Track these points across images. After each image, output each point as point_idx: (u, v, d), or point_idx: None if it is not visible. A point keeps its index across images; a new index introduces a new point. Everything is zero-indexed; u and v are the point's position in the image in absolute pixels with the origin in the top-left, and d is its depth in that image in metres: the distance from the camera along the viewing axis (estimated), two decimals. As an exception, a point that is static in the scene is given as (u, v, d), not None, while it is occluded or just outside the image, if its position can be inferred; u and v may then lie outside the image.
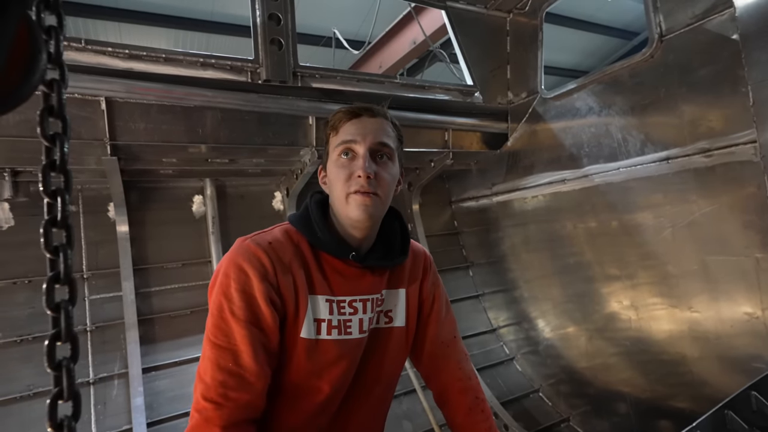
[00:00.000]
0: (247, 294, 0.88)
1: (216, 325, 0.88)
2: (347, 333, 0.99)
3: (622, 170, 2.21)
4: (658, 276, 2.16)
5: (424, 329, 1.16)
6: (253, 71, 2.06)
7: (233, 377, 0.85)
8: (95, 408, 2.01)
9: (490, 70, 2.91)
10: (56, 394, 0.33)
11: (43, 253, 0.35)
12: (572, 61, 8.17)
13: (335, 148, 0.98)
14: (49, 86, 0.36)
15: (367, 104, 1.02)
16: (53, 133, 0.36)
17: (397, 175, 1.03)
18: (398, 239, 1.09)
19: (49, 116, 0.36)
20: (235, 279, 0.89)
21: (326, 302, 0.97)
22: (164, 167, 2.23)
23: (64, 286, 0.35)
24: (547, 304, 2.82)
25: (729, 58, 1.76)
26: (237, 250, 0.93)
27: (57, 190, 0.36)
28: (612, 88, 2.26)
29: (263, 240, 0.95)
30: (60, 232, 0.36)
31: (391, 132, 1.02)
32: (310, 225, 1.00)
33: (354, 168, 0.95)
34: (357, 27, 5.70)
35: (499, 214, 3.03)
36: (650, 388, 2.29)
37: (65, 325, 0.34)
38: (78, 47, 1.69)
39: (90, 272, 2.18)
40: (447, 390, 1.15)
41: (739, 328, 1.87)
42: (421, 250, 1.20)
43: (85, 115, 1.79)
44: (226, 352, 0.86)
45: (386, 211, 1.03)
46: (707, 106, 1.88)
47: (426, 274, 1.17)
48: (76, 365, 1.46)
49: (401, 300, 1.11)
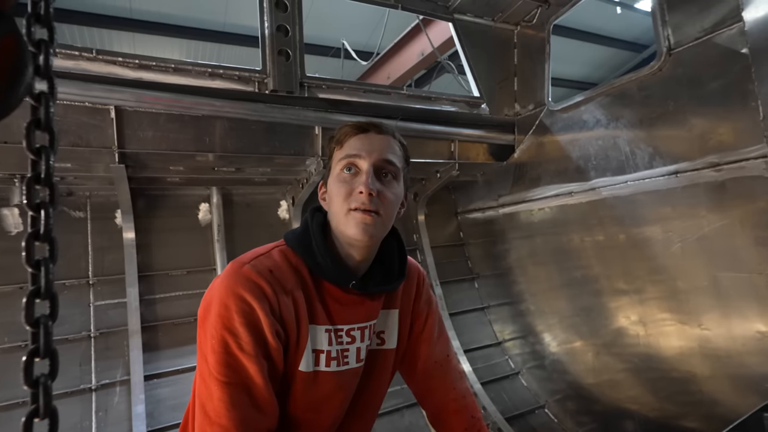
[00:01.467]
0: (253, 327, 0.82)
1: (222, 362, 0.81)
2: (344, 363, 0.95)
3: (630, 183, 2.19)
4: (667, 291, 2.12)
5: (416, 348, 1.12)
6: (260, 81, 2.08)
7: (251, 410, 0.81)
8: (97, 415, 2.00)
9: (497, 82, 2.91)
10: (32, 411, 0.32)
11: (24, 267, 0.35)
12: (580, 74, 8.18)
13: (338, 162, 0.94)
14: (37, 99, 0.36)
15: (375, 120, 0.99)
16: (39, 146, 0.36)
17: (401, 197, 0.98)
18: (396, 259, 1.04)
19: (36, 129, 0.36)
20: (238, 312, 0.82)
21: (326, 332, 0.93)
22: (171, 175, 2.25)
23: (45, 301, 0.35)
24: (554, 317, 2.78)
25: (738, 72, 1.74)
26: (236, 277, 0.85)
27: (41, 203, 0.36)
28: (620, 100, 2.25)
29: (263, 267, 0.88)
30: (43, 246, 0.35)
31: (398, 151, 0.98)
32: (310, 249, 0.94)
33: (356, 184, 0.91)
34: (366, 38, 5.76)
35: (505, 226, 3.01)
36: (659, 407, 2.23)
37: (44, 341, 0.33)
38: (89, 57, 1.72)
39: (96, 278, 2.20)
40: (442, 411, 1.12)
41: (752, 346, 1.82)
42: (414, 266, 1.15)
43: (94, 123, 1.81)
44: (238, 388, 0.81)
45: (387, 232, 0.98)
46: (717, 120, 1.85)
47: (419, 291, 1.13)
48: (80, 371, 1.46)
49: (395, 321, 1.07)
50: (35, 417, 0.33)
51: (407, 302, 1.10)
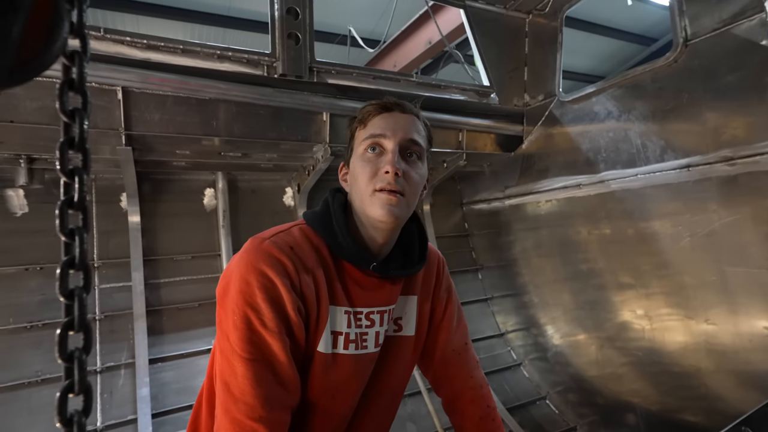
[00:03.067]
0: (276, 303, 0.81)
1: (245, 339, 0.80)
2: (363, 347, 0.94)
3: (641, 177, 2.16)
4: (674, 286, 2.11)
5: (435, 336, 1.11)
6: (269, 65, 2.05)
7: (276, 387, 0.80)
8: (101, 397, 2.01)
9: (507, 72, 2.88)
10: (67, 386, 0.31)
11: (58, 236, 0.33)
12: (587, 66, 8.08)
13: (362, 142, 0.92)
14: (70, 58, 0.34)
15: (399, 100, 0.97)
16: (72, 109, 0.34)
17: (425, 177, 0.97)
18: (416, 244, 1.03)
19: (69, 90, 0.34)
20: (260, 287, 0.80)
21: (345, 314, 0.91)
22: (177, 159, 2.23)
23: (79, 272, 0.33)
24: (557, 310, 2.77)
25: (757, 65, 1.71)
26: (256, 253, 0.83)
27: (75, 169, 0.34)
28: (632, 92, 2.22)
29: (284, 243, 0.86)
30: (76, 215, 0.34)
31: (422, 130, 0.96)
32: (331, 229, 0.92)
33: (381, 164, 0.89)
34: (373, 25, 5.69)
35: (511, 218, 2.99)
36: (661, 400, 2.23)
37: (79, 313, 0.32)
38: (97, 36, 1.69)
39: (101, 261, 2.19)
40: (458, 398, 1.11)
41: (758, 342, 1.82)
42: (435, 252, 1.14)
43: (101, 104, 1.79)
44: (262, 365, 0.80)
45: (410, 214, 0.96)
46: (732, 114, 1.83)
47: (439, 278, 1.12)
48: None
49: (413, 307, 1.05)
50: (70, 392, 0.32)
51: (427, 289, 1.08)
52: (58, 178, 1.07)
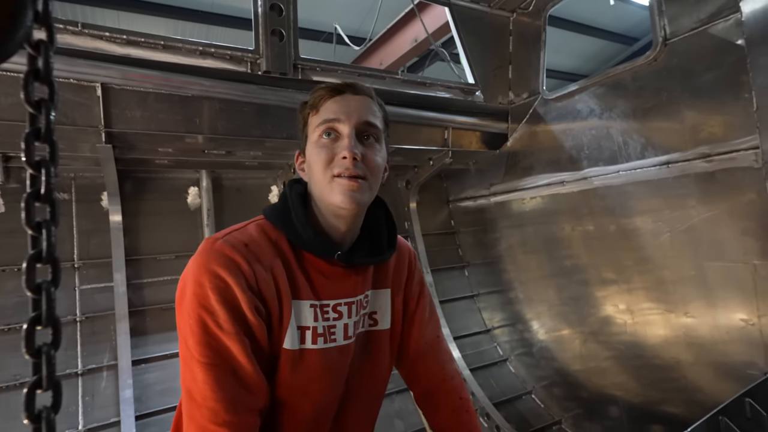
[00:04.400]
0: (230, 304, 0.78)
1: (201, 342, 0.77)
2: (331, 340, 0.91)
3: (622, 173, 2.20)
4: (655, 281, 2.16)
5: (409, 329, 1.10)
6: (253, 62, 2.03)
7: (239, 390, 0.78)
8: (83, 400, 1.97)
9: (492, 70, 2.90)
10: (34, 382, 0.31)
11: (24, 229, 0.32)
12: (570, 65, 8.19)
13: (316, 129, 0.89)
14: (36, 48, 0.33)
15: (350, 81, 0.94)
16: (38, 99, 0.33)
17: (385, 159, 0.94)
18: (384, 231, 1.00)
19: (35, 80, 0.33)
20: (213, 289, 0.78)
21: (311, 308, 0.88)
22: (160, 157, 2.19)
23: (47, 266, 0.32)
24: (542, 306, 2.81)
25: (733, 64, 1.75)
26: (209, 254, 0.80)
27: (42, 161, 0.33)
28: (614, 90, 2.25)
29: (238, 241, 0.83)
30: (44, 207, 0.33)
31: (377, 112, 0.93)
32: (289, 220, 0.89)
33: (338, 149, 0.86)
34: (359, 23, 5.67)
35: (496, 215, 3.02)
36: (643, 393, 2.28)
37: (47, 308, 0.31)
38: (74, 31, 1.66)
39: (81, 261, 2.15)
40: (430, 392, 1.10)
41: (735, 334, 1.87)
42: (405, 244, 1.12)
43: (80, 101, 1.75)
44: (222, 369, 0.77)
45: (373, 198, 0.93)
46: (709, 111, 1.87)
47: (411, 271, 1.10)
48: (66, 356, 1.41)
49: (386, 301, 1.04)
50: (38, 388, 0.31)
51: (398, 282, 1.07)
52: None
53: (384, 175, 0.96)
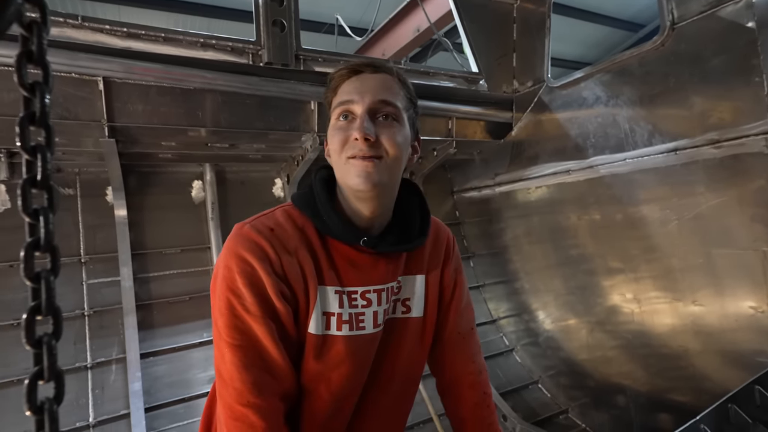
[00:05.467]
0: (256, 287, 0.80)
1: (230, 325, 0.80)
2: (360, 328, 0.89)
3: (629, 161, 2.18)
4: (662, 269, 2.14)
5: (444, 319, 1.06)
6: (254, 53, 2.01)
7: (264, 374, 0.79)
8: (93, 393, 2.00)
9: (496, 58, 2.86)
10: (36, 373, 0.30)
11: (21, 216, 0.31)
12: (575, 53, 8.09)
13: (334, 111, 0.87)
14: (28, 29, 0.32)
15: (371, 58, 0.94)
16: (33, 82, 0.32)
17: (408, 139, 0.89)
18: (417, 217, 0.96)
19: (29, 63, 0.32)
20: (240, 272, 0.80)
21: (336, 294, 0.87)
22: (163, 151, 2.19)
23: (46, 254, 0.32)
24: (549, 295, 2.80)
25: (743, 47, 1.71)
26: (236, 239, 0.83)
27: (37, 146, 0.33)
28: (620, 77, 2.22)
29: (263, 226, 0.84)
30: (41, 194, 0.32)
31: (397, 89, 0.89)
32: (314, 206, 0.88)
33: (351, 131, 0.83)
34: (360, 13, 5.62)
35: (501, 205, 3.00)
36: (650, 381, 2.28)
37: (46, 297, 0.31)
38: (75, 24, 1.65)
39: (88, 256, 2.16)
40: (456, 383, 1.08)
41: (744, 322, 1.85)
42: (444, 229, 1.07)
43: (82, 96, 1.74)
44: (249, 351, 0.79)
45: (397, 179, 0.91)
46: (718, 97, 1.84)
47: (449, 257, 1.06)
48: (75, 349, 1.41)
49: (420, 287, 0.99)
50: (39, 379, 0.30)
51: (435, 268, 1.02)
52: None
53: (414, 157, 0.93)
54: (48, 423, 0.28)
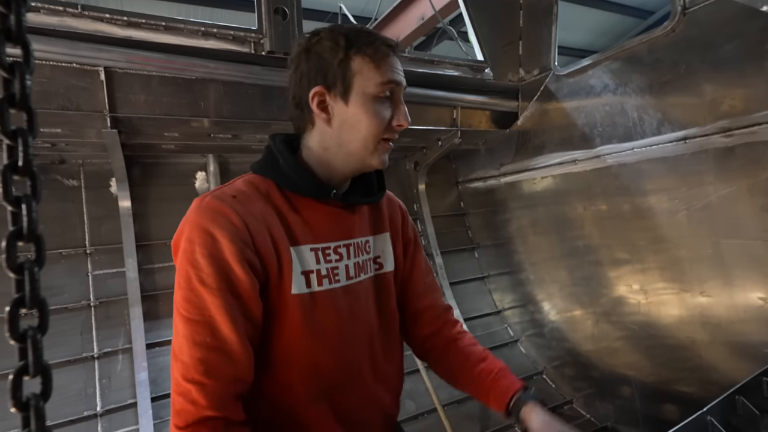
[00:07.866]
0: (216, 258, 0.77)
1: (185, 297, 0.78)
2: (336, 281, 0.91)
3: (637, 150, 2.14)
4: (670, 260, 2.11)
5: (410, 271, 1.13)
6: (256, 42, 1.98)
7: (213, 352, 0.76)
8: (100, 382, 2.01)
9: (502, 46, 2.81)
10: (21, 368, 0.29)
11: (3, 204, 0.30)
12: (584, 41, 7.97)
13: (378, 85, 0.84)
14: (5, 4, 0.30)
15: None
16: (12, 62, 0.31)
17: None
18: (374, 177, 1.03)
19: (7, 41, 0.31)
20: (200, 243, 0.77)
21: (311, 251, 0.88)
22: (166, 142, 2.18)
23: (30, 244, 0.31)
24: (554, 286, 2.78)
25: (757, 32, 1.66)
26: (197, 210, 0.81)
27: (18, 129, 0.31)
28: (629, 64, 2.17)
29: (225, 194, 0.83)
30: (24, 181, 0.31)
31: None
32: (278, 169, 0.88)
33: (397, 114, 0.86)
34: (364, 2, 5.55)
35: (506, 196, 2.97)
36: (656, 372, 2.26)
37: (30, 288, 0.29)
38: (74, 13, 1.63)
39: (93, 248, 2.16)
40: (416, 317, 1.16)
41: (753, 313, 1.83)
42: (393, 196, 1.16)
43: (83, 86, 1.73)
44: (200, 326, 0.76)
45: None
46: (730, 84, 1.79)
47: (405, 217, 1.14)
48: (82, 340, 1.42)
49: (387, 244, 1.06)
50: (24, 374, 0.29)
51: (395, 227, 1.10)
52: (41, 165, 1.03)
53: None
54: (34, 420, 0.27)
